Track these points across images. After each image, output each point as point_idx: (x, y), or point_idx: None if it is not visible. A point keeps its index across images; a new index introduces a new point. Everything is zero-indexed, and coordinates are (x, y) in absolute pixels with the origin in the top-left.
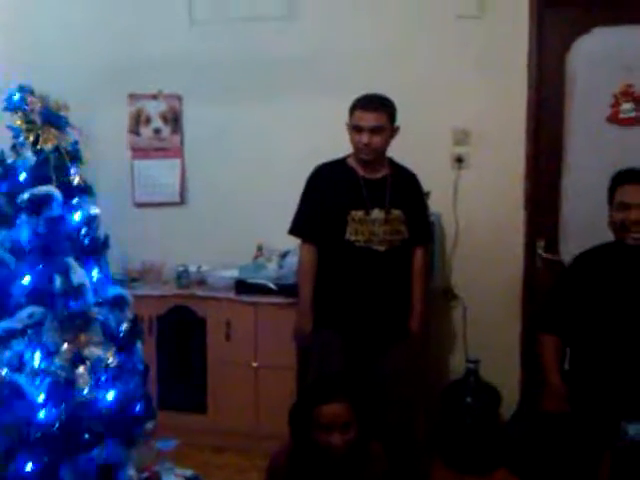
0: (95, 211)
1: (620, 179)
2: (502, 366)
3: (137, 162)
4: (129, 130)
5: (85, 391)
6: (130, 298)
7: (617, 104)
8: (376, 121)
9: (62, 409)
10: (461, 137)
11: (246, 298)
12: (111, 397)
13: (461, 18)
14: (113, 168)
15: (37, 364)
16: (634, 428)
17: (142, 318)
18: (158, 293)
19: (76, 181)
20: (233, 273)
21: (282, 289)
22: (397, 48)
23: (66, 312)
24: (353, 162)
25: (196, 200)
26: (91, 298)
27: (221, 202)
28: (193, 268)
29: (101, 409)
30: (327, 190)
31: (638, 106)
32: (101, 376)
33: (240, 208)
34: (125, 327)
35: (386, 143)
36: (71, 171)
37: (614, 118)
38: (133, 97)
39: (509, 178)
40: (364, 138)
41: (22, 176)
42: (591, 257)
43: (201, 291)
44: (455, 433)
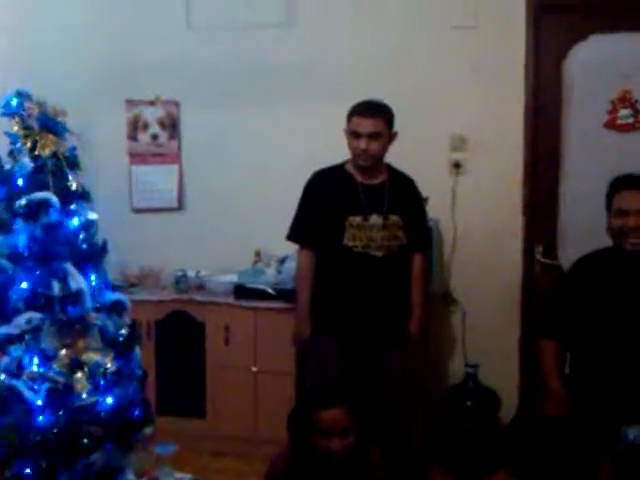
0: (93, 216)
1: (618, 185)
2: (501, 370)
3: (135, 168)
4: (127, 136)
5: (83, 396)
6: (128, 303)
7: (615, 110)
8: (374, 127)
9: (60, 414)
10: (458, 143)
11: (245, 303)
12: (109, 402)
13: (457, 28)
14: (111, 174)
15: (35, 369)
16: (634, 432)
17: (140, 323)
18: (156, 298)
19: (74, 187)
20: (232, 278)
21: (281, 294)
22: (395, 55)
23: (64, 317)
24: (351, 168)
25: (194, 205)
26: (89, 303)
27: (219, 207)
28: (192, 273)
29: (99, 414)
30: (325, 196)
31: (636, 112)
32: (99, 381)
33: (238, 213)
34: (123, 332)
35: (384, 149)
36: (69, 177)
37: (612, 124)
38: (130, 103)
39: (507, 184)
40: (362, 144)
41: (19, 182)
42: (590, 262)
43: (200, 296)
44: (454, 437)
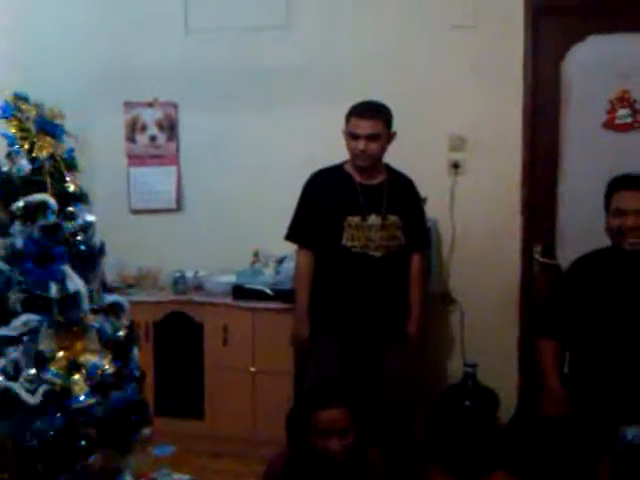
0: (91, 218)
1: (616, 185)
2: (500, 370)
3: (133, 169)
4: (125, 137)
5: (81, 398)
6: (126, 304)
7: (613, 110)
8: (372, 129)
9: (58, 416)
10: (457, 143)
11: (243, 303)
12: (108, 404)
13: (457, 28)
14: (109, 175)
15: (33, 372)
16: (632, 432)
17: (139, 324)
18: (155, 299)
19: (72, 188)
20: (230, 278)
21: (279, 294)
22: (394, 55)
23: (62, 319)
24: (350, 168)
25: (192, 206)
26: (87, 305)
27: (217, 208)
28: (190, 274)
29: (97, 416)
30: (324, 196)
31: (634, 111)
32: (97, 383)
33: (236, 214)
34: (121, 334)
35: (382, 149)
36: (67, 178)
37: (610, 124)
38: (129, 105)
39: (505, 184)
40: (360, 145)
41: (17, 184)
42: (589, 262)
43: (198, 297)
44: (453, 437)
